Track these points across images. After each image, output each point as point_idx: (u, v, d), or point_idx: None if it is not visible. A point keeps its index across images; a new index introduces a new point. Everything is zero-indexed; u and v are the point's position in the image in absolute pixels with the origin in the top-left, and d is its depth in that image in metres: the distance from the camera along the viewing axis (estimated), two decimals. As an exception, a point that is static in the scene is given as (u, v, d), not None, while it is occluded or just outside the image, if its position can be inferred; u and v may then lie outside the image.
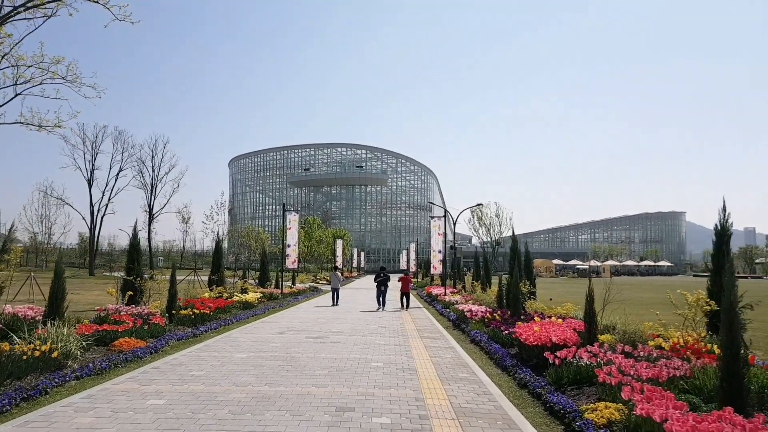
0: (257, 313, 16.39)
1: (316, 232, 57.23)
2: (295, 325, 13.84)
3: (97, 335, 9.09)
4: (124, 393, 6.47)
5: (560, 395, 6.32)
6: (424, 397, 6.45)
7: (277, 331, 12.38)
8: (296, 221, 24.48)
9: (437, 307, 19.92)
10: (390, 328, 13.44)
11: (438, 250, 25.18)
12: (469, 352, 10.10)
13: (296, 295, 24.64)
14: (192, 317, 12.62)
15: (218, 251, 22.57)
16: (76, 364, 7.70)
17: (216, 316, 13.92)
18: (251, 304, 17.23)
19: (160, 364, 8.28)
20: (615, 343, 8.13)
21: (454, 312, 16.36)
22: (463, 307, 15.09)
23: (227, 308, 15.35)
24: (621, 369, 6.28)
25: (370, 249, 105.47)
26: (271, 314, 16.59)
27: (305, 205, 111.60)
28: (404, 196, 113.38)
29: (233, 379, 7.29)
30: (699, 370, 6.25)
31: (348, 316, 16.63)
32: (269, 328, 12.97)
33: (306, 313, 17.53)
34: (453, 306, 17.79)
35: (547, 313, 12.23)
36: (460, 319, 14.35)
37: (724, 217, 10.01)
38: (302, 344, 10.49)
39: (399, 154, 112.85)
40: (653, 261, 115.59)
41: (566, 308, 12.32)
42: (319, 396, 6.42)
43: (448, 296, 21.44)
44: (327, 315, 16.76)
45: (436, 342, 11.31)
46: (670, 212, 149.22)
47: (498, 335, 10.66)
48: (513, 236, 16.34)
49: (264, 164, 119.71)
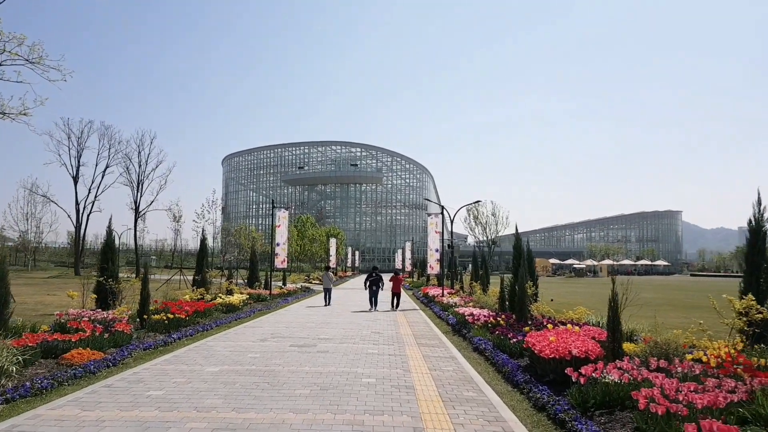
0: (241, 316, 15.19)
1: (310, 230, 55.93)
2: (280, 330, 12.65)
3: (44, 346, 7.86)
4: (57, 423, 5.27)
5: (589, 423, 5.19)
6: (424, 428, 5.29)
7: (260, 338, 11.20)
8: (286, 218, 23.22)
9: (435, 309, 18.79)
10: (384, 334, 12.29)
11: (435, 249, 24.02)
12: (473, 363, 8.96)
13: (286, 296, 23.44)
14: (165, 323, 11.41)
15: (203, 250, 21.32)
16: (10, 383, 6.50)
17: (193, 320, 12.72)
18: (235, 307, 16.02)
19: (114, 381, 7.08)
20: (645, 355, 7.01)
21: (453, 315, 15.23)
22: (463, 310, 13.96)
23: (207, 312, 14.15)
24: (665, 393, 5.15)
25: (365, 248, 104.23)
26: (256, 318, 15.41)
27: (299, 204, 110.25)
28: (399, 195, 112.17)
29: (196, 401, 6.11)
30: (760, 392, 5.14)
31: (339, 319, 15.48)
32: (251, 335, 11.79)
33: (295, 316, 16.36)
34: (452, 308, 16.67)
35: (557, 318, 11.09)
36: (460, 324, 13.22)
37: (759, 212, 8.94)
38: (285, 354, 9.32)
39: (394, 153, 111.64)
40: (650, 260, 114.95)
41: (578, 313, 11.15)
42: (296, 426, 5.25)
43: (446, 297, 20.31)
44: (317, 318, 15.60)
45: (436, 350, 10.16)
46: (666, 211, 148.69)
47: (504, 343, 9.53)
48: (516, 234, 15.20)
49: (258, 162, 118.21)
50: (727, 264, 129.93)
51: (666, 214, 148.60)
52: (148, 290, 11.93)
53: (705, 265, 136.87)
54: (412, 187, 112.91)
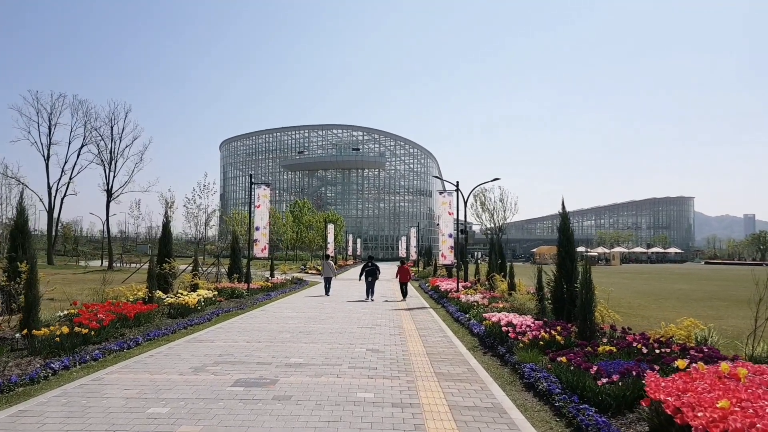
0: (194, 322, 11.38)
1: (306, 215, 51.92)
2: (234, 349, 8.81)
3: None
4: None
5: None
6: None
7: (195, 367, 7.38)
8: (267, 197, 19.25)
9: (449, 308, 14.99)
10: (385, 354, 8.47)
11: (449, 234, 20.07)
12: (539, 424, 5.14)
13: (269, 291, 19.65)
14: (58, 341, 7.63)
15: (165, 236, 17.50)
16: None
17: (113, 333, 8.94)
18: (188, 309, 12.19)
19: None
20: None
21: (476, 320, 11.43)
22: (493, 316, 10.08)
23: (144, 318, 10.36)
24: None
25: (368, 236, 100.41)
26: (216, 324, 11.61)
27: (299, 190, 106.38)
28: (403, 181, 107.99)
29: None
30: None
31: (326, 326, 11.68)
32: (187, 358, 7.96)
33: (269, 319, 12.57)
34: (474, 309, 12.85)
35: (651, 335, 7.20)
36: (493, 337, 9.41)
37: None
38: (215, 406, 5.49)
39: (398, 136, 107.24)
40: (662, 248, 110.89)
41: (686, 326, 7.22)
42: None
43: (463, 294, 16.50)
44: (296, 323, 11.80)
45: (467, 390, 6.32)
46: (678, 197, 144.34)
47: (583, 382, 5.70)
48: (563, 210, 11.23)
49: (256, 147, 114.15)
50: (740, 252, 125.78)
51: (678, 200, 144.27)
52: (36, 292, 8.11)
53: (716, 253, 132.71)
54: (416, 172, 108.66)
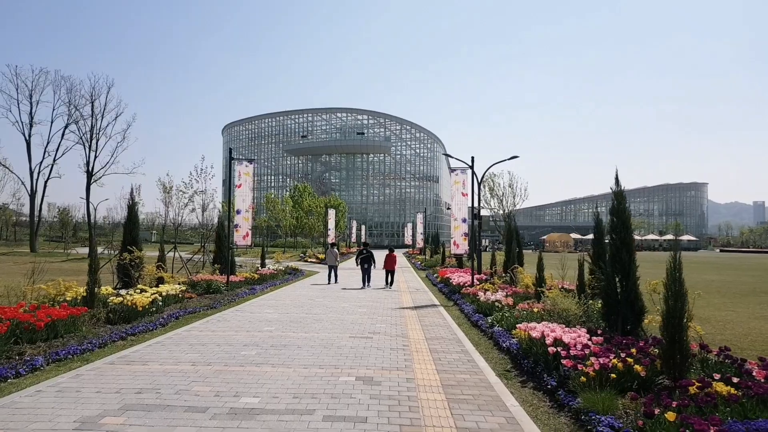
0: (137, 330, 8.79)
1: (307, 200, 49.25)
2: (169, 377, 6.16)
3: None
4: None
5: None
6: None
7: (81, 419, 4.73)
8: (250, 175, 16.47)
9: (464, 308, 12.34)
10: (381, 390, 5.80)
11: (462, 219, 17.30)
12: None
13: (254, 284, 17.07)
14: None
15: (131, 220, 14.95)
16: None
17: (4, 350, 6.38)
18: (135, 312, 9.60)
19: None
20: None
21: (502, 327, 8.78)
22: (536, 332, 7.32)
23: (57, 327, 7.78)
24: None
25: (373, 222, 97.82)
26: (164, 333, 9.02)
27: (303, 175, 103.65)
28: (409, 166, 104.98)
29: None
30: None
31: (310, 335, 9.07)
32: (84, 397, 5.28)
33: (238, 326, 9.97)
34: (499, 313, 10.17)
35: None
36: (530, 356, 6.78)
37: None
38: None
39: (404, 120, 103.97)
40: (675, 235, 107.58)
41: None
42: None
43: (480, 290, 13.85)
44: (271, 332, 9.17)
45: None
46: (691, 183, 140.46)
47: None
48: (618, 188, 8.53)
49: (259, 131, 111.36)
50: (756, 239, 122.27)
51: (691, 186, 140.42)
52: None
53: (730, 240, 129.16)
54: (422, 157, 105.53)
